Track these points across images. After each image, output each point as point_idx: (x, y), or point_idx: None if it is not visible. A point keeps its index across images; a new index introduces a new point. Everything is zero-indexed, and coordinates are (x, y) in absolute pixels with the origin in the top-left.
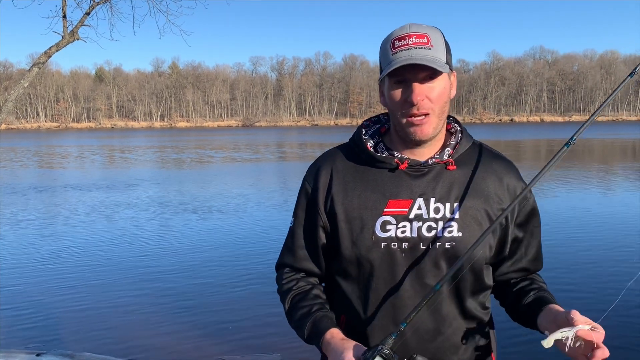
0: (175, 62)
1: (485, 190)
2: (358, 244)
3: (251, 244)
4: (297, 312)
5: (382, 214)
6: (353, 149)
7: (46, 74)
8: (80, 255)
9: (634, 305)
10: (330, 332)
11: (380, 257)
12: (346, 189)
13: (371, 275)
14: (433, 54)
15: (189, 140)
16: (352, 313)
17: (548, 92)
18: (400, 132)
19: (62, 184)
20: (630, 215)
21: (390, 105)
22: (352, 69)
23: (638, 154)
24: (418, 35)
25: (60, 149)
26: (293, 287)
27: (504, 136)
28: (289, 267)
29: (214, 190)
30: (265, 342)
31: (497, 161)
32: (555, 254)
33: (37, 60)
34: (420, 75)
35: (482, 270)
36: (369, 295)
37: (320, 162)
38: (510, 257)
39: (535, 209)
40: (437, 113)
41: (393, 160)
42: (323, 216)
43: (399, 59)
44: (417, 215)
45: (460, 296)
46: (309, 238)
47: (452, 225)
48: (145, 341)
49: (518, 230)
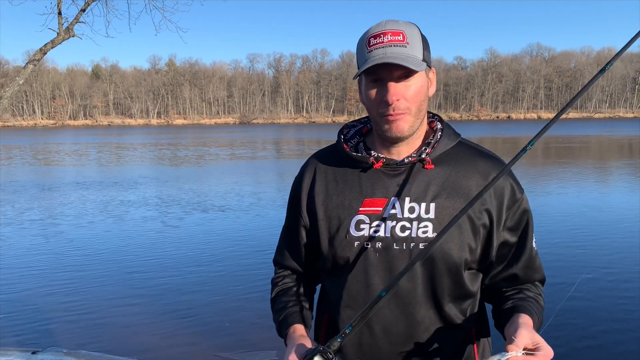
0: (172, 59)
1: (466, 189)
2: (334, 243)
3: (248, 241)
4: (276, 306)
5: (357, 213)
6: (336, 149)
7: (42, 71)
8: (75, 253)
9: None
10: (293, 327)
11: (355, 256)
12: (327, 188)
13: (346, 274)
14: (409, 52)
15: (192, 138)
16: (331, 311)
17: (545, 89)
18: (378, 129)
19: (58, 182)
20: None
21: (367, 104)
22: (350, 66)
23: (631, 150)
24: (393, 32)
25: (59, 147)
26: (278, 283)
27: (502, 133)
28: (279, 264)
29: (211, 188)
30: (261, 339)
31: (483, 159)
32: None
33: (32, 57)
34: (396, 74)
35: (462, 274)
36: (344, 294)
37: (307, 164)
38: (499, 262)
39: (527, 211)
40: (413, 112)
41: (369, 160)
42: (305, 216)
43: (374, 57)
44: (391, 215)
45: (438, 301)
46: (293, 238)
47: (427, 225)
48: (141, 339)
49: (508, 234)
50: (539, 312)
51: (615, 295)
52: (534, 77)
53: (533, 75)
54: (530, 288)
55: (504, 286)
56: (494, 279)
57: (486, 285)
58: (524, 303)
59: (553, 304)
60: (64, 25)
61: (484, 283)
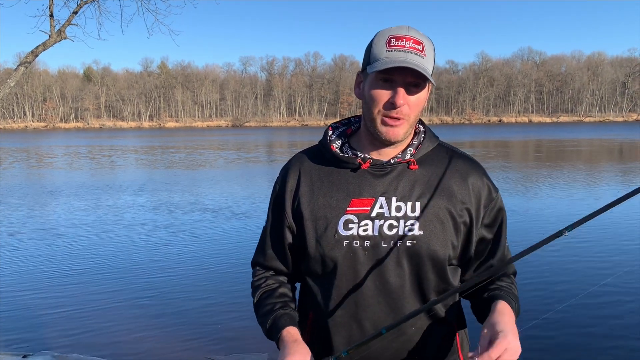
0: (165, 62)
1: (448, 189)
2: (322, 243)
3: (239, 244)
4: (262, 309)
5: (345, 212)
6: (321, 150)
7: (33, 74)
8: (66, 256)
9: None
10: (286, 330)
11: (343, 255)
12: (312, 189)
13: (334, 273)
14: (425, 63)
15: (185, 141)
16: (317, 310)
17: (536, 93)
18: (372, 128)
19: (49, 184)
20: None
21: (369, 100)
22: (342, 69)
23: (619, 154)
24: (415, 41)
25: (52, 150)
26: (262, 285)
27: (493, 136)
28: (260, 265)
29: (204, 190)
30: (253, 342)
31: (461, 161)
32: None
33: (23, 59)
34: (408, 80)
35: (446, 269)
36: (332, 292)
37: (290, 164)
38: (477, 257)
39: (502, 209)
40: (411, 120)
41: (356, 160)
42: (289, 217)
43: (395, 58)
44: (379, 214)
45: (424, 296)
46: (276, 238)
47: (414, 223)
48: (133, 342)
49: (485, 230)
50: (514, 299)
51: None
52: (525, 81)
53: (524, 79)
54: (504, 279)
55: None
56: (472, 274)
57: (466, 278)
58: (500, 292)
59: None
60: (55, 28)
61: (463, 279)
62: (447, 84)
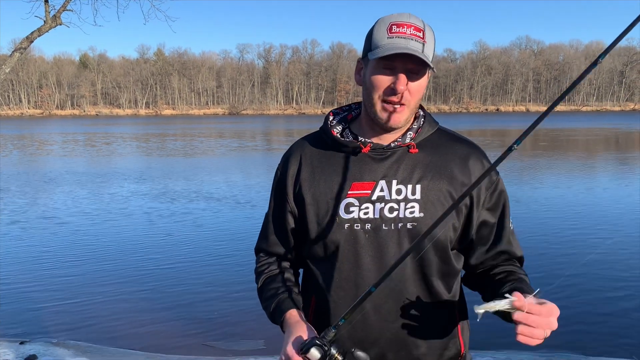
0: (161, 49)
1: (448, 172)
2: (323, 226)
3: (237, 233)
4: (265, 294)
5: (346, 196)
6: (321, 135)
7: (29, 60)
8: (64, 243)
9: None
10: (289, 312)
11: (344, 238)
12: (314, 174)
13: (336, 256)
14: (425, 50)
15: (182, 129)
16: (320, 293)
17: (534, 82)
18: (372, 114)
19: (51, 173)
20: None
21: (370, 87)
22: (340, 57)
23: (612, 144)
24: (416, 27)
25: (50, 137)
26: (265, 270)
27: (490, 125)
28: (263, 251)
29: (202, 179)
30: (249, 329)
31: (461, 144)
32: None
33: (18, 45)
34: (409, 66)
35: (448, 252)
36: (334, 275)
37: (291, 150)
38: (483, 243)
39: (503, 192)
40: (411, 107)
41: (356, 144)
42: (291, 202)
43: (396, 45)
44: (380, 197)
45: (426, 278)
46: (279, 223)
47: (414, 206)
48: (130, 329)
49: (488, 214)
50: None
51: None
52: (523, 70)
53: (522, 68)
54: (518, 269)
55: (491, 263)
56: (480, 258)
57: (473, 265)
58: (516, 275)
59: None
60: (50, 13)
61: (469, 264)
62: (445, 73)
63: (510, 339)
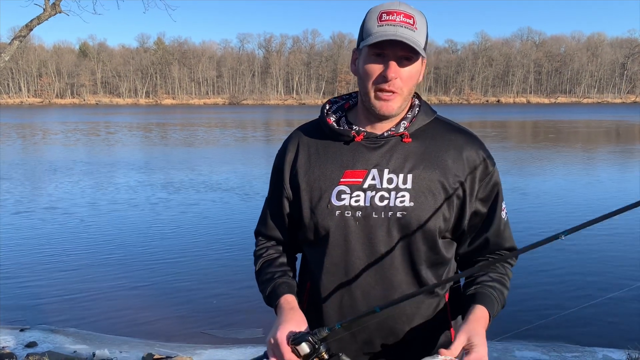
0: (161, 38)
1: (442, 162)
2: (316, 212)
3: (236, 222)
4: (262, 277)
5: (338, 183)
6: (319, 124)
7: (28, 48)
8: (64, 231)
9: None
10: (284, 297)
11: (335, 225)
12: (309, 161)
13: (327, 243)
14: (416, 37)
15: (182, 118)
16: (313, 279)
17: (535, 74)
18: (367, 103)
19: (47, 164)
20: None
21: (363, 75)
22: (340, 47)
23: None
24: (406, 14)
25: (49, 126)
26: (263, 254)
27: (491, 117)
28: (262, 235)
29: (203, 169)
30: (247, 318)
31: (457, 134)
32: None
33: (18, 33)
34: (400, 54)
35: (437, 241)
36: (325, 261)
37: (290, 138)
38: (470, 231)
39: (497, 183)
40: (404, 94)
41: (350, 133)
42: (287, 188)
43: (385, 32)
44: (371, 185)
45: (415, 267)
46: (276, 208)
47: (405, 195)
48: (130, 316)
49: (480, 204)
50: (499, 296)
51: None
52: (524, 62)
53: (523, 59)
54: (497, 268)
55: (475, 255)
56: (466, 248)
57: (460, 255)
58: (485, 290)
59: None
60: (50, 1)
61: (458, 254)
62: (446, 64)
63: (507, 327)
